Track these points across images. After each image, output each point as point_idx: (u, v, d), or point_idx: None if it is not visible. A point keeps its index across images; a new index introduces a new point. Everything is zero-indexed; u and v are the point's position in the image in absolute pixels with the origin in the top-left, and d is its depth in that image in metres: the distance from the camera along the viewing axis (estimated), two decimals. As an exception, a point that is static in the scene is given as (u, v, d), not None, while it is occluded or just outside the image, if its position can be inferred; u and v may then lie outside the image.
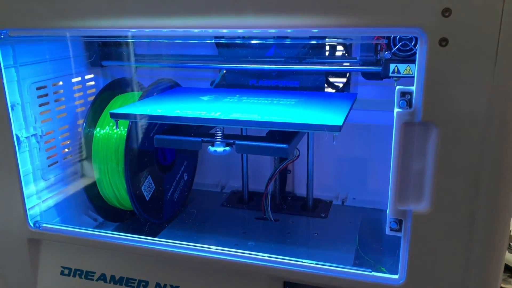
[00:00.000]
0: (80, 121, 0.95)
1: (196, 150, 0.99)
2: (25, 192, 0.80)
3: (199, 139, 0.80)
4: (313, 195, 0.99)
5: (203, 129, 0.83)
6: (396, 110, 0.58)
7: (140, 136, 0.88)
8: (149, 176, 0.92)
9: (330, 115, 0.73)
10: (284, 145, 0.75)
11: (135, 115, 0.80)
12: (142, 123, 0.87)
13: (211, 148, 0.79)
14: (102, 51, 0.99)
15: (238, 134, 0.84)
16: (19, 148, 0.79)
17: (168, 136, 0.82)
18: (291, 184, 1.06)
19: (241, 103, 0.83)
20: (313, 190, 0.99)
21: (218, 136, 0.79)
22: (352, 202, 1.02)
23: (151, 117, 0.80)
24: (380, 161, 0.96)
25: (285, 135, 0.78)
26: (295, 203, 1.02)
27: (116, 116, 0.81)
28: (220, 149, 0.78)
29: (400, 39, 0.75)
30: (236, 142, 0.78)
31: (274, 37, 0.89)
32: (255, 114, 0.75)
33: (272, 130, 0.80)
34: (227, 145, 0.79)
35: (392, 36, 0.76)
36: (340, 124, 0.68)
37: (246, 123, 0.75)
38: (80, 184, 0.95)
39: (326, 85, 0.94)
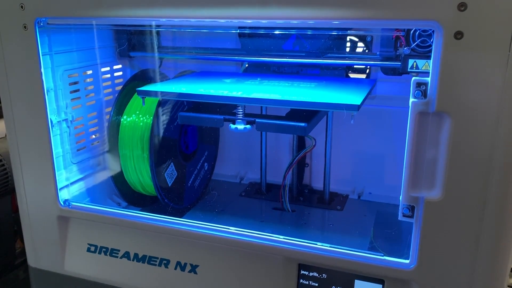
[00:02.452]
0: (108, 109, 0.99)
1: (217, 127, 1.01)
2: (56, 173, 0.83)
3: (221, 116, 0.82)
4: (329, 188, 1.00)
5: (225, 109, 0.85)
6: (411, 100, 0.59)
7: (165, 124, 0.92)
8: (172, 163, 0.95)
9: (349, 96, 0.75)
10: (303, 124, 0.77)
11: (160, 92, 0.84)
12: (166, 110, 0.91)
13: (232, 126, 0.81)
14: (131, 42, 1.03)
15: (258, 113, 0.86)
16: (51, 132, 0.83)
17: (191, 113, 0.85)
18: (308, 177, 1.07)
19: (262, 85, 0.85)
20: (329, 184, 1.00)
21: (239, 114, 0.81)
22: (368, 196, 1.03)
23: (175, 94, 0.83)
24: (397, 157, 0.97)
25: (304, 115, 0.80)
26: (312, 196, 1.03)
27: (142, 93, 0.85)
28: (241, 126, 0.81)
29: (420, 35, 0.76)
30: (257, 120, 0.80)
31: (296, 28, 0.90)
32: (276, 94, 0.77)
33: (292, 110, 0.81)
34: (247, 123, 0.81)
35: (411, 32, 0.76)
36: (359, 103, 0.70)
37: (267, 102, 0.77)
38: (106, 169, 0.99)
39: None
